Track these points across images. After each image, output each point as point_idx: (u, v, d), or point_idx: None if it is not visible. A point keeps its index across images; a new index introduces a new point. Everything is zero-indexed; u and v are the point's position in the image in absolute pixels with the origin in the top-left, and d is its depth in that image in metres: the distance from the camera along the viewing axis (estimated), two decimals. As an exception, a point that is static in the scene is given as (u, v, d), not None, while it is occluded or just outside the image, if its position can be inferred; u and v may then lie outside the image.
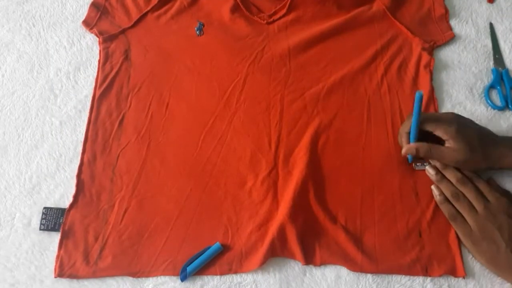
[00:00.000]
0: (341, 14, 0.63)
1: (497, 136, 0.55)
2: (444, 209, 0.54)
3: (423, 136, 0.55)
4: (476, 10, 0.65)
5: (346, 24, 0.63)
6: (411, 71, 0.62)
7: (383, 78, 0.61)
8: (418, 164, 0.57)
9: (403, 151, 0.56)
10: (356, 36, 0.63)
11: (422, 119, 0.54)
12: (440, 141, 0.54)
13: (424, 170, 0.56)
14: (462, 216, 0.53)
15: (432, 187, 0.56)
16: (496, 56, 0.63)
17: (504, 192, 0.55)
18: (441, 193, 0.55)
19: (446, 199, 0.54)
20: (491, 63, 0.65)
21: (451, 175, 0.54)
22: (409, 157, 0.57)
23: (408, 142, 0.55)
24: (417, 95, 0.50)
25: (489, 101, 0.61)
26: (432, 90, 0.61)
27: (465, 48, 0.65)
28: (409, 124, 0.54)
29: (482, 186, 0.54)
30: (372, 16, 0.65)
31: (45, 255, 0.54)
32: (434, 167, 0.55)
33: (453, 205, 0.54)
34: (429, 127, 0.54)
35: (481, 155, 0.53)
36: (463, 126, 0.53)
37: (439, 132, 0.53)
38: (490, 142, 0.54)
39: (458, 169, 0.55)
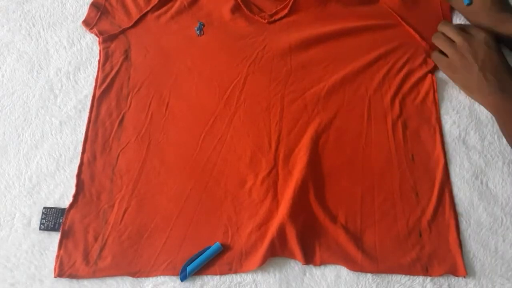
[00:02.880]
0: (344, 14, 0.63)
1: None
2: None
3: None
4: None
5: (349, 24, 0.63)
6: (414, 72, 0.62)
7: (384, 78, 0.61)
8: None
9: None
10: (359, 37, 0.63)
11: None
12: None
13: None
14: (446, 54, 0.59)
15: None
16: None
17: (489, 33, 0.57)
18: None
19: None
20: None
21: (441, 25, 0.61)
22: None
23: None
24: None
25: None
26: (434, 92, 0.61)
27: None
28: None
29: (467, 27, 0.59)
30: (377, 17, 0.65)
31: (45, 255, 0.54)
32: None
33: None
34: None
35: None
36: None
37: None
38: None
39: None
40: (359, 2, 0.63)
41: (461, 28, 0.59)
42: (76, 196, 0.56)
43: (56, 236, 0.54)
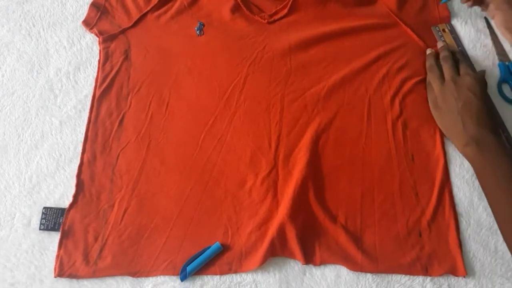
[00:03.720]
0: (343, 14, 0.63)
1: None
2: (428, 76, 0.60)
3: None
4: (474, 10, 0.65)
5: (349, 24, 0.63)
6: (414, 72, 0.62)
7: (384, 78, 0.61)
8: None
9: None
10: (359, 37, 0.62)
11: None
12: None
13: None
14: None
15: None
16: (499, 50, 0.63)
17: (478, 76, 0.57)
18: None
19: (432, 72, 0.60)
20: (496, 58, 0.64)
21: (441, 52, 0.60)
22: None
23: None
24: None
25: (502, 96, 0.61)
26: None
27: (467, 48, 0.65)
28: None
29: (462, 66, 0.59)
30: (376, 17, 0.65)
31: (45, 255, 0.54)
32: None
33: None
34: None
35: None
36: None
37: None
38: None
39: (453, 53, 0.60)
40: (358, 2, 0.62)
41: (453, 65, 0.59)
42: (76, 196, 0.56)
43: (56, 236, 0.54)
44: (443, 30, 0.64)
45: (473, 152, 0.52)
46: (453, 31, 0.64)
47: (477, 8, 0.66)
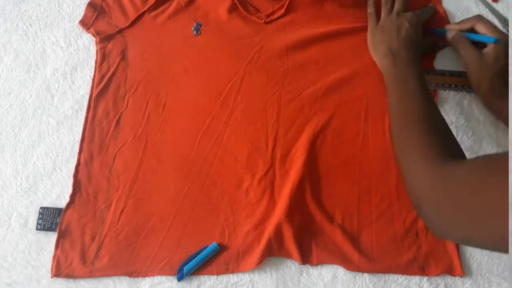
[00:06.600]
0: (340, 15, 0.63)
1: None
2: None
3: None
4: (472, 11, 0.65)
5: (346, 25, 0.62)
6: None
7: (381, 78, 0.61)
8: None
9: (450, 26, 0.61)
10: (356, 37, 0.62)
11: (479, 18, 0.59)
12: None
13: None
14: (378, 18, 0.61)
15: None
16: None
17: (419, 12, 0.60)
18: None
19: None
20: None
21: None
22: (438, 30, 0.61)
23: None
24: None
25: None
26: (434, 93, 0.61)
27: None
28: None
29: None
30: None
31: (41, 255, 0.54)
32: None
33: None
34: (482, 27, 0.58)
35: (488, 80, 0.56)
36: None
37: (491, 34, 0.56)
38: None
39: None
40: (354, 3, 0.62)
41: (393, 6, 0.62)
42: (73, 196, 0.56)
43: (53, 236, 0.54)
44: None
45: (388, 63, 0.55)
46: None
47: (474, 9, 0.65)
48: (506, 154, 0.35)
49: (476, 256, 0.54)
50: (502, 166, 0.34)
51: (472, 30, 0.59)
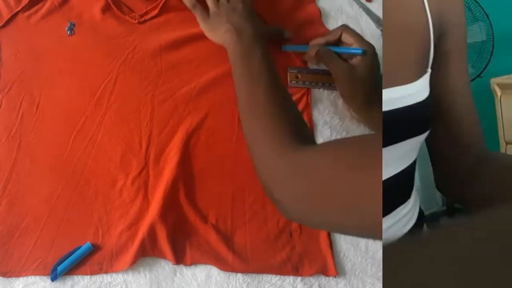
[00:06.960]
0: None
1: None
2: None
3: None
4: (346, 11, 0.62)
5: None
6: None
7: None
8: (293, 82, 0.59)
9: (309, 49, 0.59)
10: None
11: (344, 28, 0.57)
12: None
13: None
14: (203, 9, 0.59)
15: None
16: None
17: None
18: None
19: None
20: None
21: None
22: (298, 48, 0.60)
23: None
24: None
25: None
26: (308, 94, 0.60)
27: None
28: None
29: None
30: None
31: None
32: None
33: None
34: (348, 37, 0.56)
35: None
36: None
37: (358, 44, 0.55)
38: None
39: None
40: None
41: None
42: None
43: None
44: None
45: (231, 36, 0.54)
46: None
47: (348, 9, 0.63)
48: (358, 137, 0.35)
49: (350, 256, 0.54)
50: (356, 147, 0.35)
51: (339, 41, 0.57)
